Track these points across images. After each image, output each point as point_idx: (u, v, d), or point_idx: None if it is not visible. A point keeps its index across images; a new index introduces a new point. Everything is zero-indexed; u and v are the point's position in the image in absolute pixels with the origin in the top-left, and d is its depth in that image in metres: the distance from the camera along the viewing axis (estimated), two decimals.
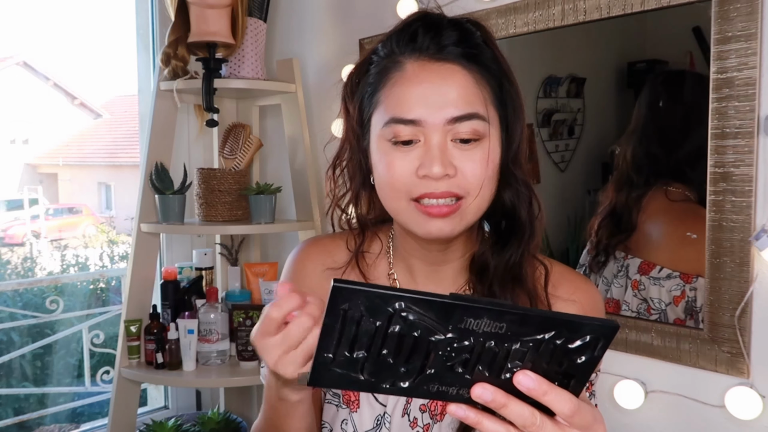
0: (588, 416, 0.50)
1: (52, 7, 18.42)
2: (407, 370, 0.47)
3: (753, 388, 1.11)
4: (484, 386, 0.48)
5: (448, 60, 0.70)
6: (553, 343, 0.47)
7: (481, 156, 0.70)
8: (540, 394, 0.48)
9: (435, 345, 0.46)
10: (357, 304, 0.45)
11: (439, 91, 0.69)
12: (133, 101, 2.23)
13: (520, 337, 0.46)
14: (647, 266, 1.29)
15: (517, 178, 0.75)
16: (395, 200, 0.72)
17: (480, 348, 0.47)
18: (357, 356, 0.47)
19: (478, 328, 0.46)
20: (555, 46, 1.42)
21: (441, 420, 0.78)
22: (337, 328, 0.46)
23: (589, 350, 0.47)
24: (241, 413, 2.04)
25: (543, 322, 0.46)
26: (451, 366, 0.47)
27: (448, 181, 0.69)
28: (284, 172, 2.03)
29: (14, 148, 11.26)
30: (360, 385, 0.48)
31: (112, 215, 10.18)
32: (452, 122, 0.69)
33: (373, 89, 0.74)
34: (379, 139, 0.72)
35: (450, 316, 0.45)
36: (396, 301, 0.45)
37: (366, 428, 0.80)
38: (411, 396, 0.49)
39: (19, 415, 2.68)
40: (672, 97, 1.28)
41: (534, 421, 0.48)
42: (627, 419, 1.29)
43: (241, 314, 1.82)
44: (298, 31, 2.00)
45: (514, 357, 0.47)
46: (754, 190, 1.09)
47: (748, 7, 1.06)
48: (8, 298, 3.68)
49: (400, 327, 0.46)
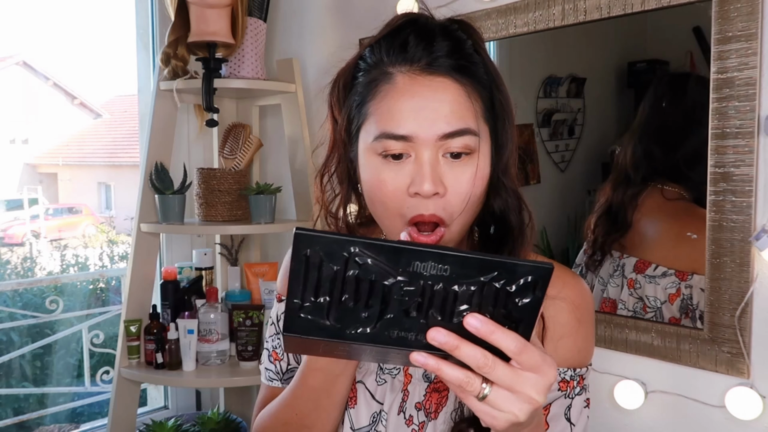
0: (536, 356, 0.52)
1: (52, 7, 18.41)
2: (368, 315, 0.50)
3: (753, 389, 1.11)
4: (437, 329, 0.50)
5: (440, 73, 0.69)
6: (494, 286, 0.50)
7: (471, 172, 0.69)
8: (487, 333, 0.50)
9: (389, 289, 0.50)
10: (316, 250, 0.49)
11: (431, 106, 0.67)
12: (133, 101, 2.23)
13: (463, 279, 0.50)
14: (643, 264, 1.29)
15: (506, 187, 0.74)
16: (388, 219, 0.72)
17: (430, 291, 0.50)
18: (321, 301, 0.50)
19: (425, 270, 0.49)
20: (555, 46, 1.42)
21: (435, 418, 0.78)
22: (302, 273, 0.49)
23: (529, 292, 0.50)
24: (241, 413, 2.04)
25: (482, 264, 0.50)
26: (406, 310, 0.50)
27: (436, 202, 0.68)
28: (284, 172, 2.03)
29: (14, 147, 11.26)
30: (327, 331, 0.51)
31: (112, 215, 10.18)
32: (444, 138, 0.67)
33: (361, 99, 0.72)
34: (369, 152, 0.71)
35: (398, 259, 0.49)
36: (350, 245, 0.49)
37: (362, 425, 0.80)
38: (374, 342, 0.51)
39: (19, 415, 2.68)
40: (675, 98, 1.28)
41: (486, 362, 0.51)
42: (627, 419, 1.29)
43: (241, 314, 1.82)
44: (298, 31, 2.00)
45: (462, 300, 0.50)
46: (754, 190, 1.09)
47: (748, 7, 1.06)
48: (8, 298, 3.68)
49: (356, 271, 0.49)
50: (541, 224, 1.46)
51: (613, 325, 1.30)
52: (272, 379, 0.89)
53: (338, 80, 0.77)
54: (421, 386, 0.79)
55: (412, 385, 0.79)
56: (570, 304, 0.76)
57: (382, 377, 0.81)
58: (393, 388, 0.80)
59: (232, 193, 1.84)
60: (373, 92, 0.71)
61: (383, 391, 0.80)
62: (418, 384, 0.79)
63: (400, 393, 0.79)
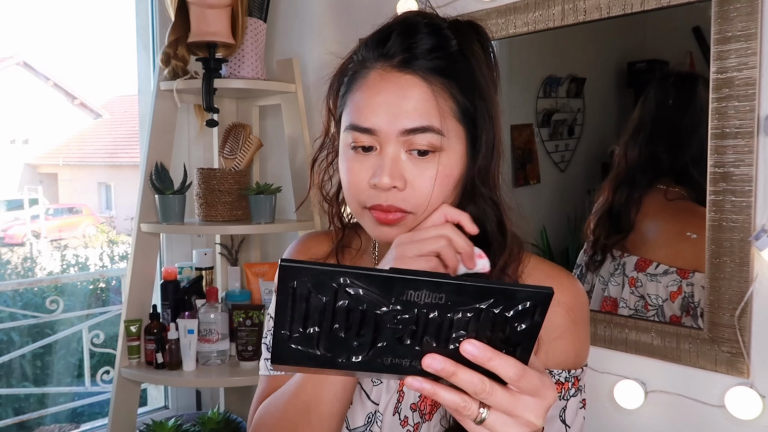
0: (535, 380, 0.51)
1: (52, 7, 18.42)
2: (360, 344, 0.49)
3: (753, 388, 1.11)
4: (432, 356, 0.49)
5: (410, 71, 0.70)
6: (492, 312, 0.49)
7: (434, 171, 0.70)
8: (485, 360, 0.49)
9: (382, 318, 0.48)
10: (303, 282, 0.47)
11: (395, 102, 0.69)
12: (133, 101, 2.23)
13: (460, 306, 0.48)
14: (644, 263, 1.29)
15: (483, 195, 0.74)
16: (352, 203, 0.75)
17: (424, 319, 0.49)
18: (311, 332, 0.48)
19: (420, 299, 0.48)
20: (555, 46, 1.42)
21: (430, 419, 0.78)
22: (289, 305, 0.48)
23: (528, 317, 0.49)
24: (241, 413, 2.04)
25: (479, 291, 0.48)
26: (400, 338, 0.49)
27: (396, 194, 0.70)
28: (284, 172, 2.03)
29: (14, 148, 11.27)
30: (318, 360, 0.50)
31: (112, 215, 10.19)
32: (406, 134, 0.69)
33: (345, 91, 0.76)
34: (343, 141, 0.75)
35: (391, 288, 0.48)
36: (339, 276, 0.47)
37: (357, 425, 0.80)
38: (367, 370, 0.50)
39: (19, 415, 2.68)
40: (682, 98, 1.27)
41: (484, 387, 0.50)
42: (627, 419, 1.29)
43: (241, 314, 1.82)
44: (298, 31, 2.00)
45: (458, 327, 0.49)
46: (754, 190, 1.09)
47: (748, 7, 1.06)
48: (8, 298, 3.69)
49: (347, 301, 0.48)
50: (541, 224, 1.46)
51: (612, 325, 1.30)
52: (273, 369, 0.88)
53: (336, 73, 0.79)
54: None
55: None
56: (565, 306, 0.76)
57: (377, 378, 0.81)
58: (388, 389, 0.80)
59: (232, 193, 1.84)
60: (352, 85, 0.74)
61: (378, 391, 0.80)
62: None
63: (395, 394, 0.79)
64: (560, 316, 0.74)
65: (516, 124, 1.51)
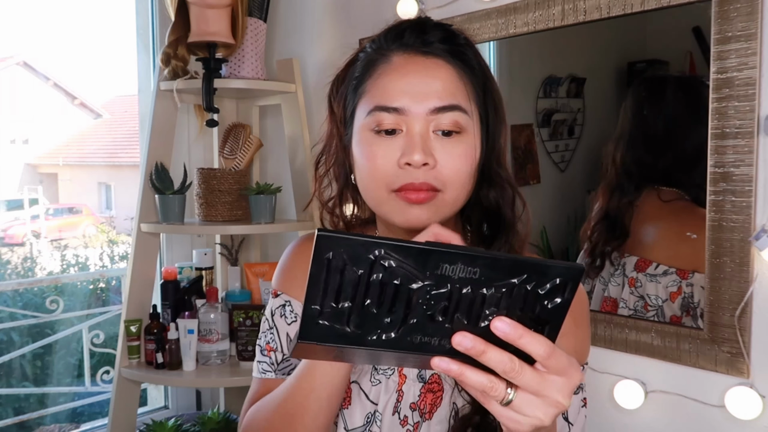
0: (563, 360, 0.51)
1: (52, 7, 18.42)
2: (391, 321, 0.49)
3: (753, 388, 1.11)
4: (463, 334, 0.49)
5: (434, 54, 0.73)
6: (524, 288, 0.49)
7: (462, 150, 0.72)
8: (516, 338, 0.49)
9: (415, 293, 0.48)
10: (340, 253, 0.46)
11: (424, 81, 0.71)
12: (133, 101, 2.23)
13: (493, 281, 0.48)
14: (643, 263, 1.30)
15: (501, 177, 0.76)
16: (376, 190, 0.74)
17: (457, 294, 0.48)
18: (342, 307, 0.48)
19: (454, 273, 0.48)
20: (555, 46, 1.42)
21: (430, 419, 0.78)
22: (323, 278, 0.47)
23: (559, 293, 0.49)
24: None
25: (513, 266, 0.48)
26: (431, 315, 0.49)
27: (427, 171, 0.70)
28: (284, 172, 2.03)
29: (14, 148, 11.26)
30: (347, 338, 0.49)
31: (112, 215, 10.19)
32: (435, 112, 0.71)
33: (358, 81, 0.76)
34: (362, 129, 0.74)
35: (426, 262, 0.47)
36: (376, 248, 0.46)
37: (356, 425, 0.80)
38: (396, 348, 0.49)
39: (19, 415, 2.68)
40: (654, 103, 1.29)
41: (513, 366, 0.50)
42: (627, 419, 1.29)
43: (241, 314, 1.82)
44: (298, 31, 2.00)
45: (490, 303, 0.49)
46: (754, 190, 1.09)
47: (748, 7, 1.06)
48: (8, 298, 3.69)
49: (381, 275, 0.47)
50: (541, 224, 1.46)
51: (613, 325, 1.30)
52: (265, 371, 0.86)
53: (339, 74, 0.81)
54: (415, 387, 0.79)
55: (407, 386, 0.79)
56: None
57: (376, 377, 0.80)
58: (387, 389, 0.80)
59: (232, 193, 1.84)
60: (370, 72, 0.75)
61: (377, 391, 0.80)
62: (412, 384, 0.79)
63: (394, 393, 0.79)
64: None
65: (516, 124, 1.51)
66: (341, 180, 0.81)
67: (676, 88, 1.14)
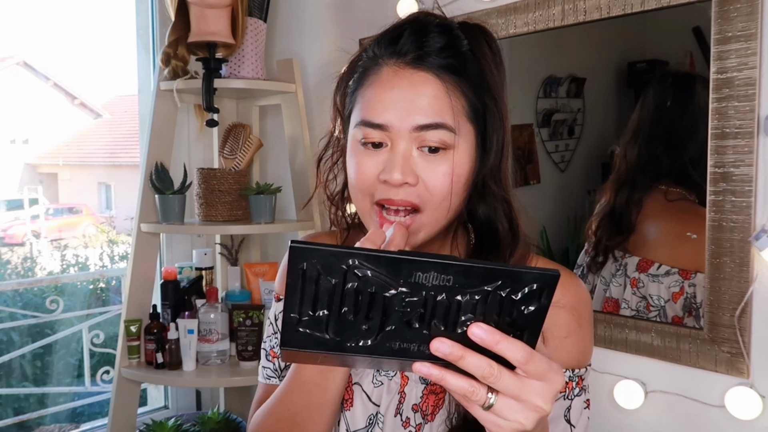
0: (543, 365, 0.51)
1: (52, 7, 18.42)
2: (368, 328, 0.49)
3: (753, 388, 1.11)
4: (441, 340, 0.49)
5: (423, 68, 0.70)
6: (499, 294, 0.49)
7: (446, 168, 0.70)
8: (493, 344, 0.49)
9: (390, 300, 0.49)
10: (313, 263, 0.47)
11: (409, 98, 0.69)
12: (133, 101, 2.23)
13: (467, 289, 0.49)
14: (646, 263, 1.29)
15: (494, 193, 0.74)
16: (361, 200, 0.74)
17: (432, 302, 0.49)
18: (320, 315, 0.49)
19: (428, 281, 0.48)
20: (555, 46, 1.42)
21: (432, 420, 0.78)
22: (299, 287, 0.48)
23: (534, 300, 0.49)
24: (241, 413, 2.04)
25: (486, 273, 0.49)
26: (408, 321, 0.49)
27: (407, 189, 0.70)
28: (284, 172, 2.03)
29: (14, 148, 11.26)
30: (326, 345, 0.50)
31: (112, 215, 10.19)
32: (418, 130, 0.69)
33: (354, 88, 0.76)
34: (352, 138, 0.74)
35: (399, 270, 0.48)
36: (348, 258, 0.48)
37: (358, 427, 0.80)
38: (375, 354, 0.50)
39: (19, 415, 2.68)
40: (680, 100, 1.27)
41: (492, 371, 0.50)
42: (627, 419, 1.29)
43: (241, 314, 1.82)
44: (298, 31, 2.00)
45: (466, 310, 0.49)
46: (754, 190, 1.09)
47: (748, 7, 1.06)
48: (8, 298, 3.69)
49: (356, 283, 0.48)
50: (541, 224, 1.46)
51: (613, 325, 1.30)
52: (270, 377, 0.88)
53: (345, 72, 0.79)
54: (417, 388, 0.79)
55: (409, 387, 0.79)
56: (569, 306, 0.76)
57: (378, 379, 0.80)
58: (389, 390, 0.80)
59: (232, 193, 1.84)
60: (363, 81, 0.74)
61: (380, 393, 0.80)
62: (414, 386, 0.79)
63: (396, 395, 0.79)
64: (565, 317, 0.74)
65: (516, 124, 1.51)
66: (343, 176, 0.81)
67: (703, 86, 1.13)
